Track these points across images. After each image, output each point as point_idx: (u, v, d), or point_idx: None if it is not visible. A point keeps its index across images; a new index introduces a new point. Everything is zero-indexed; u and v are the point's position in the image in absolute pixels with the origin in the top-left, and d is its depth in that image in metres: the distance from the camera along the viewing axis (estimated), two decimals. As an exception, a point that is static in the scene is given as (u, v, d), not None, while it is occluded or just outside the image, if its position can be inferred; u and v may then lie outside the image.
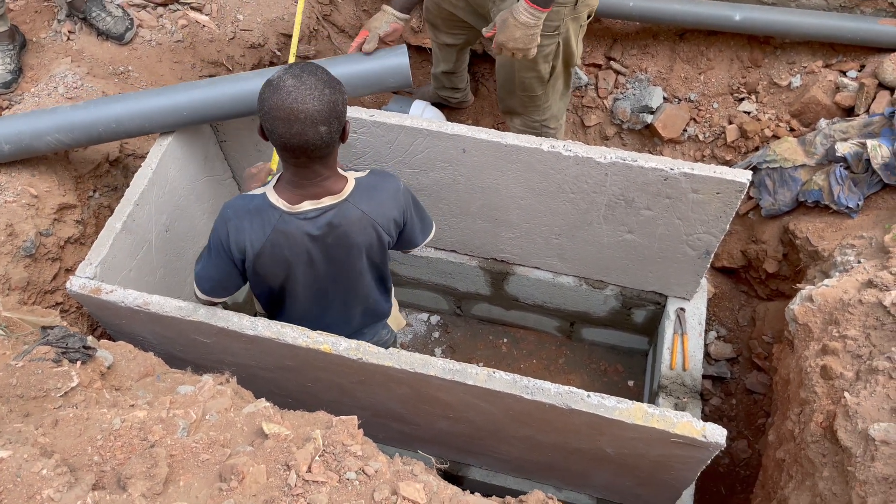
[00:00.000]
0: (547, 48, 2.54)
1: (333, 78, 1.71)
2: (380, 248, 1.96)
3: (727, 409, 3.11)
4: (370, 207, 1.87)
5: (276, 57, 3.48)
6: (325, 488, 1.18)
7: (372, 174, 1.92)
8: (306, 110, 1.62)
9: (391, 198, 1.91)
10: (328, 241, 1.87)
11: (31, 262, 2.29)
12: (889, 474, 1.58)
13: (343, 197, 1.84)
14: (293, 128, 1.63)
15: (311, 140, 1.66)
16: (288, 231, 1.83)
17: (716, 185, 2.17)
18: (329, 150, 1.73)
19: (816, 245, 2.67)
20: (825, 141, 2.84)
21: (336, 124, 1.69)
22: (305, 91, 1.63)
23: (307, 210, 1.82)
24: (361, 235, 1.89)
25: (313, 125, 1.64)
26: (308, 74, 1.66)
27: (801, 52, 3.16)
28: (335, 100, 1.67)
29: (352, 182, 1.86)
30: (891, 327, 1.87)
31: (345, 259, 1.94)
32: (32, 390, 1.35)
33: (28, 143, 2.29)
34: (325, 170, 1.79)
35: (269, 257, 1.87)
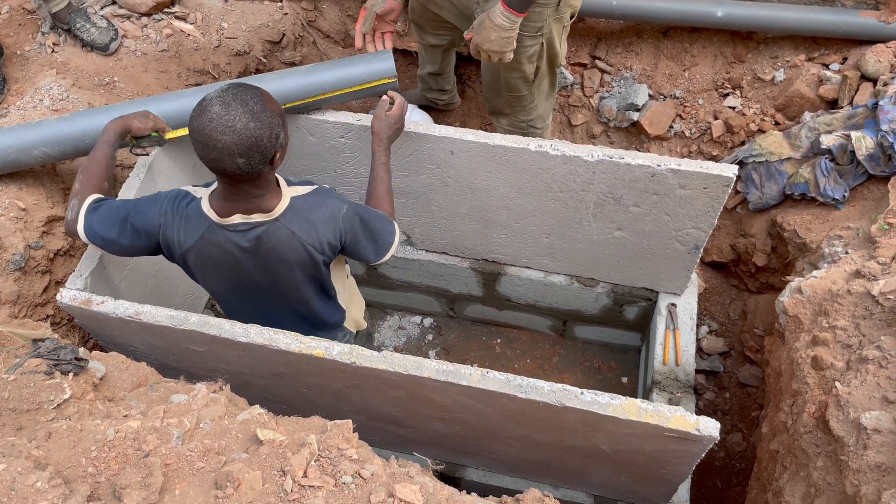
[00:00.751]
0: (530, 49, 2.55)
1: (267, 108, 1.67)
2: (313, 266, 1.94)
3: (721, 402, 3.12)
4: (301, 229, 1.85)
5: (261, 64, 3.48)
6: (322, 493, 1.19)
7: (313, 194, 1.90)
8: (224, 141, 1.61)
9: (326, 221, 1.88)
10: (259, 253, 1.88)
11: (20, 276, 2.28)
12: (882, 462, 1.60)
13: (274, 216, 1.83)
14: (210, 154, 1.63)
15: (229, 169, 1.65)
16: (216, 241, 1.85)
17: (703, 180, 2.18)
18: (253, 176, 1.71)
19: (804, 237, 2.69)
20: (810, 134, 2.87)
21: (257, 157, 1.66)
22: (227, 122, 1.61)
23: (237, 223, 1.82)
24: (291, 253, 1.88)
25: (230, 156, 1.62)
26: (237, 104, 1.63)
27: (784, 46, 3.19)
28: (259, 134, 1.64)
29: (286, 201, 1.84)
30: (879, 316, 1.89)
31: (277, 272, 1.94)
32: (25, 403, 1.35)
33: (14, 156, 2.28)
34: (256, 189, 1.78)
35: (197, 261, 1.91)
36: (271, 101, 1.71)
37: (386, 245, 2.04)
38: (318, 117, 2.41)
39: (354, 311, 2.37)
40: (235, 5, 3.45)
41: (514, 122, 2.91)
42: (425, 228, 2.78)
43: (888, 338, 1.80)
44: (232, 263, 1.92)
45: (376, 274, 3.16)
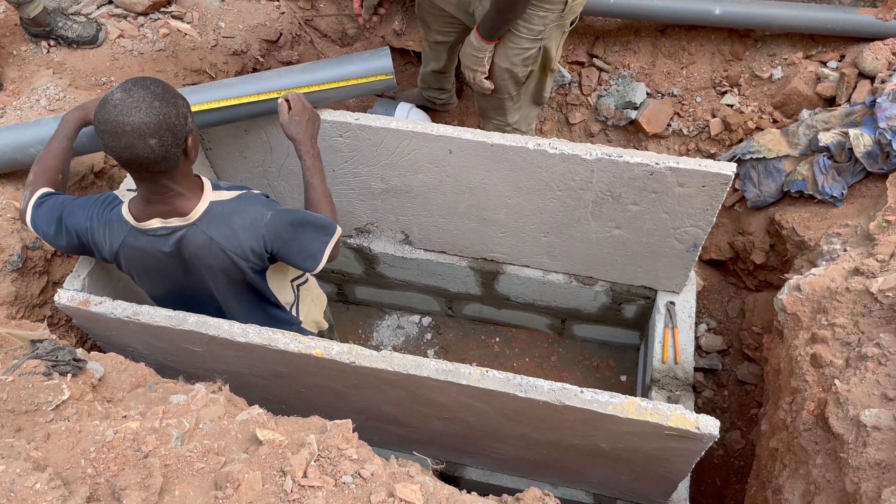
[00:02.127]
0: (528, 52, 2.55)
1: (170, 91, 1.67)
2: (239, 272, 1.89)
3: (720, 400, 3.13)
4: (220, 234, 1.81)
5: (259, 63, 3.48)
6: (322, 493, 1.18)
7: (237, 199, 1.86)
8: (132, 122, 1.59)
9: (247, 227, 1.83)
10: (183, 258, 1.86)
11: (18, 277, 2.28)
12: (881, 459, 1.60)
13: (191, 220, 1.80)
14: (121, 141, 1.60)
15: (142, 153, 1.62)
16: (138, 246, 1.84)
17: (701, 178, 2.18)
18: (168, 164, 1.68)
19: (803, 235, 2.69)
20: (808, 131, 2.87)
21: (169, 137, 1.64)
22: (132, 104, 1.59)
23: (156, 227, 1.81)
24: (212, 259, 1.85)
25: (141, 138, 1.60)
26: (139, 88, 1.62)
27: (782, 43, 3.19)
28: (166, 112, 1.62)
29: (204, 205, 1.81)
30: (878, 314, 1.89)
31: (205, 278, 1.92)
32: (23, 405, 1.34)
33: (11, 156, 2.27)
34: (175, 185, 1.75)
35: (126, 265, 1.91)
36: (172, 87, 1.70)
37: (315, 252, 1.92)
38: (315, 116, 2.40)
39: (313, 313, 2.34)
40: (232, 4, 3.45)
41: (499, 126, 2.91)
42: (424, 227, 2.78)
43: (887, 335, 1.80)
44: (160, 268, 1.90)
45: (375, 273, 3.16)
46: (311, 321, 2.34)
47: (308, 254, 1.91)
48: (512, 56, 2.56)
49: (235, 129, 2.51)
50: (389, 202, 2.69)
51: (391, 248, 2.94)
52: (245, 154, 2.63)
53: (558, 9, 2.42)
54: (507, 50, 2.55)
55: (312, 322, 2.35)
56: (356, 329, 3.49)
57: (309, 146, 2.05)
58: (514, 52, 2.55)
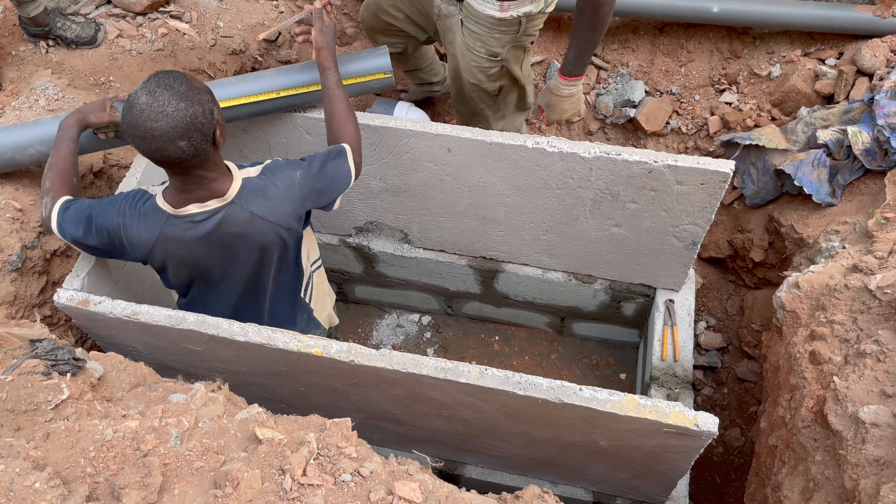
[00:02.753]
0: (490, 69, 2.55)
1: (193, 87, 1.67)
2: (283, 243, 1.95)
3: (719, 398, 3.13)
4: (260, 208, 1.85)
5: (257, 62, 3.48)
6: (321, 491, 1.19)
7: (265, 171, 1.90)
8: (160, 128, 1.60)
9: (284, 195, 1.89)
10: (223, 241, 1.88)
11: (17, 276, 2.28)
12: (880, 456, 1.60)
13: (229, 199, 1.83)
14: (151, 145, 1.62)
15: (174, 154, 1.64)
16: (175, 234, 1.85)
17: (700, 176, 2.18)
18: (200, 159, 1.71)
19: (801, 232, 2.69)
20: (806, 129, 2.87)
21: (198, 136, 1.65)
22: (158, 108, 1.60)
23: (194, 213, 1.83)
24: (257, 235, 1.88)
25: (171, 141, 1.62)
26: (162, 89, 1.62)
27: (780, 41, 3.19)
28: (193, 112, 1.63)
29: (238, 183, 1.84)
30: (877, 311, 1.89)
31: (244, 258, 1.94)
32: (23, 404, 1.34)
33: (10, 156, 2.27)
34: (206, 173, 1.77)
35: (161, 257, 1.91)
36: (195, 80, 1.70)
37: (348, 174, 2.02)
38: (314, 115, 2.41)
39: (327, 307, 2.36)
40: (231, 4, 3.45)
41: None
42: (423, 226, 2.78)
43: (886, 332, 1.80)
44: (197, 256, 1.91)
45: (374, 272, 3.16)
46: (325, 315, 2.36)
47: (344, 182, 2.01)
48: (475, 72, 2.56)
49: (234, 128, 2.51)
50: (388, 201, 2.69)
51: (390, 247, 2.94)
52: (244, 153, 2.64)
53: (513, 30, 2.41)
54: (471, 66, 2.55)
55: (326, 316, 2.37)
56: (356, 328, 3.49)
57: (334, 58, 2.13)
58: (479, 70, 2.55)
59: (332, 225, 2.92)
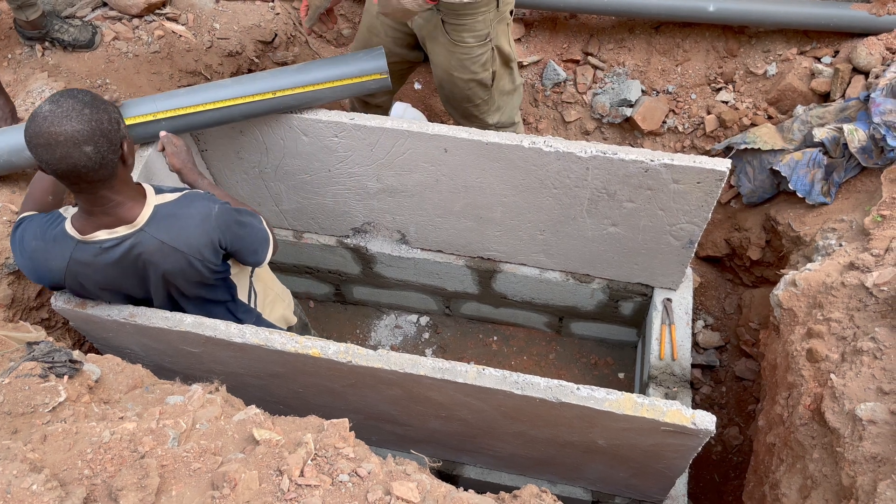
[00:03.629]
0: (483, 57, 2.55)
1: (98, 99, 1.65)
2: (196, 272, 1.87)
3: (717, 396, 3.13)
4: (170, 236, 1.79)
5: (254, 64, 3.48)
6: (319, 491, 1.19)
7: (180, 200, 1.84)
8: (65, 131, 1.56)
9: (197, 225, 1.81)
10: (136, 267, 1.83)
11: (14, 279, 2.27)
12: (877, 453, 1.60)
13: (138, 226, 1.77)
14: (56, 152, 1.57)
15: (79, 162, 1.59)
16: (85, 260, 1.80)
17: (696, 174, 2.18)
18: (107, 172, 1.65)
19: (798, 230, 2.69)
20: (802, 127, 2.87)
21: (104, 143, 1.61)
22: (62, 113, 1.57)
23: (103, 240, 1.77)
24: (167, 263, 1.82)
25: (76, 146, 1.57)
26: (67, 98, 1.60)
27: (776, 40, 3.19)
28: (98, 118, 1.60)
29: (149, 210, 1.78)
30: (874, 308, 1.90)
31: (160, 284, 1.90)
32: (20, 406, 1.34)
33: (6, 159, 2.27)
34: (115, 195, 1.72)
35: (77, 281, 1.87)
36: (99, 95, 1.68)
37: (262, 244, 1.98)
38: (311, 117, 2.40)
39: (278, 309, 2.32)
40: (227, 6, 3.45)
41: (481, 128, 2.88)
42: (420, 227, 2.78)
43: (882, 329, 1.81)
44: (111, 280, 1.87)
45: (372, 273, 3.16)
46: (276, 317, 2.31)
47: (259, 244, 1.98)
48: (470, 66, 2.56)
49: (231, 129, 2.51)
50: (385, 202, 2.69)
51: (388, 248, 2.94)
52: (241, 155, 2.64)
53: (493, 6, 2.43)
54: (463, 62, 2.55)
55: (278, 318, 2.33)
56: (354, 329, 3.49)
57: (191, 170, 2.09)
58: (471, 61, 2.55)
59: (330, 226, 2.92)
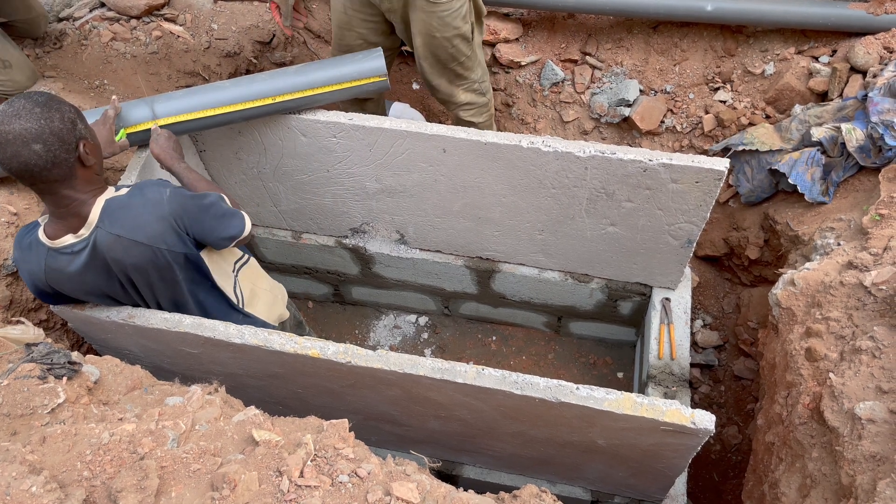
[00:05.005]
0: (462, 9, 2.64)
1: (54, 98, 1.65)
2: (165, 261, 1.84)
3: (716, 396, 3.13)
4: (125, 229, 1.76)
5: (252, 64, 3.47)
6: (318, 492, 1.18)
7: (132, 190, 1.82)
8: (13, 130, 1.57)
9: (149, 211, 1.78)
10: (105, 267, 1.82)
11: (13, 281, 2.27)
12: (876, 452, 1.60)
13: (93, 224, 1.76)
14: (6, 151, 1.58)
15: (29, 160, 1.59)
16: (59, 267, 1.80)
17: (694, 174, 2.19)
18: (62, 171, 1.65)
19: (797, 230, 2.70)
20: (800, 126, 2.87)
21: (55, 142, 1.61)
22: (12, 112, 1.58)
23: (72, 243, 1.77)
24: (130, 258, 1.80)
25: (25, 144, 1.58)
26: (22, 99, 1.61)
27: (774, 39, 3.19)
28: (48, 116, 1.61)
29: (100, 205, 1.77)
30: (872, 307, 1.90)
31: (136, 280, 1.88)
32: (19, 408, 1.34)
33: (4, 160, 2.27)
34: (76, 193, 1.72)
35: (57, 287, 1.87)
36: (57, 97, 1.68)
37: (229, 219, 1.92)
38: (309, 117, 2.40)
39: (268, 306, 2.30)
40: (225, 6, 3.44)
41: (470, 87, 2.94)
42: (419, 227, 2.78)
43: (881, 328, 1.81)
44: (89, 284, 1.87)
45: (371, 273, 3.16)
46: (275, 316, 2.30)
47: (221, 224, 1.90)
48: (451, 21, 2.63)
49: (229, 130, 2.51)
50: (384, 202, 2.69)
51: (387, 248, 2.94)
52: (239, 156, 2.63)
53: None
54: (443, 18, 2.61)
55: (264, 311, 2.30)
56: (353, 329, 3.49)
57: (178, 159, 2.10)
58: (451, 16, 2.62)
59: (328, 226, 2.92)
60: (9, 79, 2.67)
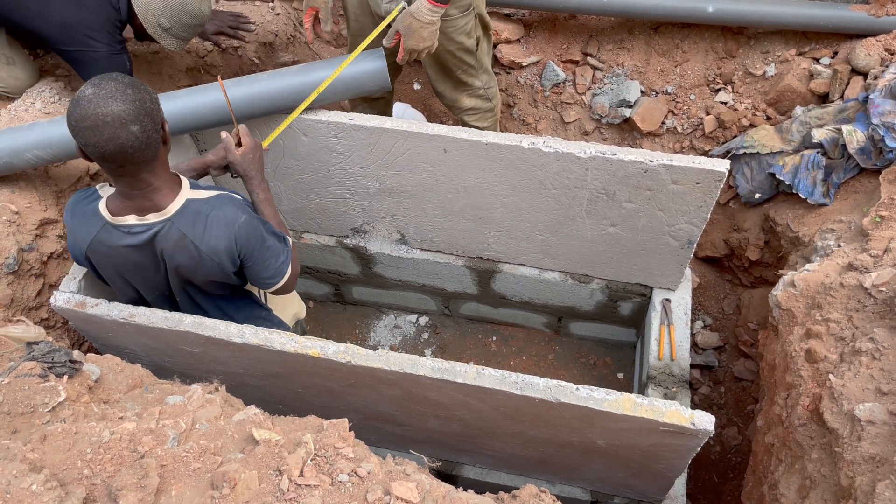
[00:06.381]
0: (467, 25, 2.64)
1: (137, 81, 1.66)
2: (208, 272, 1.88)
3: (716, 397, 3.13)
4: (193, 232, 1.80)
5: (254, 64, 3.48)
6: (318, 491, 1.19)
7: (213, 199, 1.84)
8: (112, 112, 1.57)
9: (221, 227, 1.82)
10: (154, 255, 1.84)
11: (13, 279, 2.27)
12: (875, 453, 1.60)
13: (167, 216, 1.79)
14: (104, 133, 1.58)
15: (126, 142, 1.60)
16: (108, 242, 1.82)
17: (695, 175, 2.19)
18: (150, 152, 1.67)
19: (797, 231, 2.70)
20: (801, 128, 2.87)
21: (149, 122, 1.63)
22: (107, 95, 1.58)
23: (131, 224, 1.79)
24: (183, 257, 1.83)
25: (123, 125, 1.58)
26: (107, 80, 1.61)
27: (775, 40, 3.20)
28: (141, 98, 1.62)
29: (181, 202, 1.80)
30: (872, 308, 1.90)
31: (175, 277, 1.91)
32: (19, 406, 1.34)
33: (7, 160, 2.27)
34: (153, 178, 1.73)
35: (97, 263, 1.90)
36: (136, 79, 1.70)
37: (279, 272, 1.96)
38: (310, 117, 2.41)
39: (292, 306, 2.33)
40: (227, 6, 3.45)
41: (474, 93, 2.94)
42: (419, 227, 2.79)
43: (881, 330, 1.81)
44: (128, 267, 1.89)
45: (371, 273, 3.16)
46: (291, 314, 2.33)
47: (274, 270, 1.95)
48: (456, 36, 2.63)
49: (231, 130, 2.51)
50: (385, 202, 2.69)
51: (387, 248, 2.94)
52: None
53: None
54: (449, 33, 2.60)
55: (291, 314, 2.34)
56: (353, 329, 3.50)
57: (260, 180, 2.07)
58: (456, 32, 2.62)
59: (329, 226, 2.92)
60: (11, 76, 2.68)
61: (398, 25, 2.35)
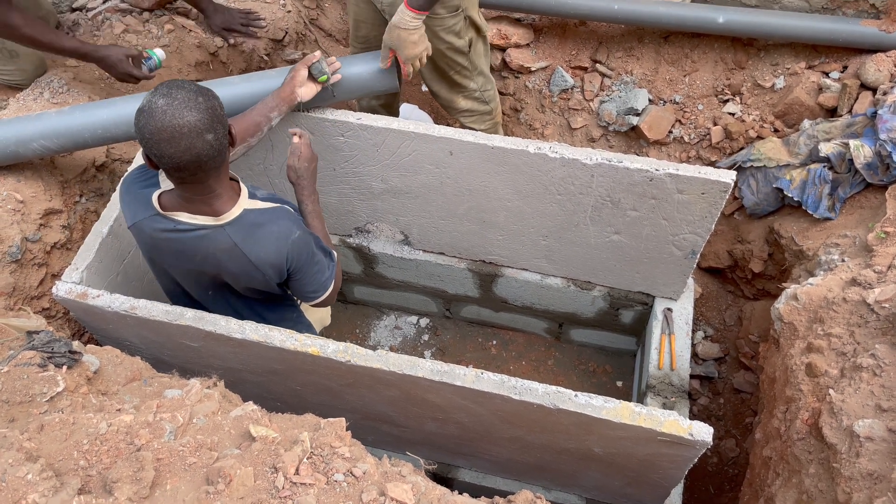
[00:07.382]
0: (456, 25, 2.62)
1: (203, 86, 1.67)
2: (252, 280, 1.89)
3: (715, 408, 3.13)
4: (245, 243, 1.80)
5: (263, 61, 3.48)
6: (313, 490, 1.19)
7: (268, 212, 1.85)
8: (188, 123, 1.57)
9: (274, 241, 1.82)
10: (194, 256, 1.84)
11: (16, 268, 2.28)
12: (874, 470, 1.60)
13: (221, 223, 1.78)
14: (181, 144, 1.57)
15: (202, 151, 1.60)
16: (152, 227, 1.82)
17: (701, 185, 2.18)
18: (221, 159, 1.68)
19: (801, 244, 2.69)
20: (809, 141, 2.87)
21: (221, 129, 1.64)
22: (180, 105, 1.57)
23: (180, 221, 1.78)
24: (232, 264, 1.84)
25: (199, 135, 1.58)
26: (177, 89, 1.60)
27: (785, 53, 3.19)
28: (212, 105, 1.63)
29: (238, 211, 1.79)
30: (874, 325, 1.89)
31: (212, 277, 1.92)
32: (18, 395, 1.34)
33: (13, 149, 2.28)
34: (217, 184, 1.73)
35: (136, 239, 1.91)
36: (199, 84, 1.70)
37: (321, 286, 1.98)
38: (317, 115, 2.41)
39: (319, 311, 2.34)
40: (238, 2, 3.45)
41: (470, 96, 2.93)
42: (423, 228, 2.79)
43: (883, 346, 1.80)
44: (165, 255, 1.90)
45: (373, 273, 3.16)
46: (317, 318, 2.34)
47: (318, 284, 1.97)
48: (444, 35, 2.61)
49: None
50: (389, 202, 2.69)
51: (390, 249, 2.94)
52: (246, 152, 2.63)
53: None
54: (437, 31, 2.59)
55: (318, 321, 2.35)
56: (354, 329, 3.49)
57: (312, 191, 2.09)
58: (445, 31, 2.61)
59: (333, 225, 2.93)
60: (17, 68, 2.68)
61: (388, 42, 2.33)
